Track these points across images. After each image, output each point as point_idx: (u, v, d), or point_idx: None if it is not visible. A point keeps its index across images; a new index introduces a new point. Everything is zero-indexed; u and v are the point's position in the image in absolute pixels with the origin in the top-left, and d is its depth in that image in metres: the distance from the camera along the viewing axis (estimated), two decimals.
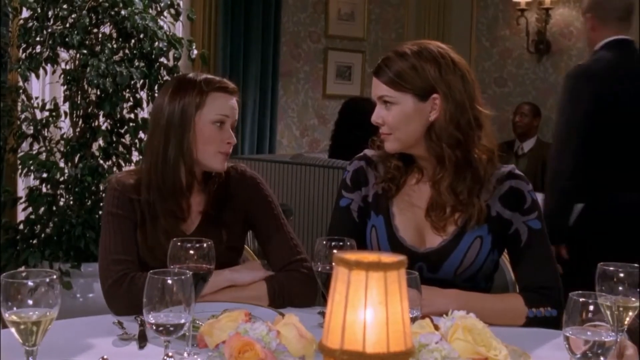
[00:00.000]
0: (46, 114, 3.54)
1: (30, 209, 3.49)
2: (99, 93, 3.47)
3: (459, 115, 1.93)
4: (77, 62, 3.48)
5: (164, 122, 2.05)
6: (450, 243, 1.98)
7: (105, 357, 1.51)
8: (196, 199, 2.11)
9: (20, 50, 3.54)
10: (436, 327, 1.49)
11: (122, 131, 3.61)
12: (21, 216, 3.74)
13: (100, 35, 3.53)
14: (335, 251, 1.37)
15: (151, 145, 2.10)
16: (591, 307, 1.35)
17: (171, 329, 1.41)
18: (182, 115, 2.03)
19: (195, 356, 1.53)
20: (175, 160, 2.03)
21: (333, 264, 1.02)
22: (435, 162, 1.97)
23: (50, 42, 3.39)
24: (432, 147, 1.95)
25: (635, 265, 1.55)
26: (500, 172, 2.00)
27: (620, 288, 1.52)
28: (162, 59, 3.58)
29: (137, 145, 3.61)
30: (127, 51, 3.53)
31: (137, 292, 1.40)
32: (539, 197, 4.75)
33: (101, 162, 3.55)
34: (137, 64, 3.51)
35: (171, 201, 2.05)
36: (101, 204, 3.49)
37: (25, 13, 3.56)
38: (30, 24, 3.44)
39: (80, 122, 3.55)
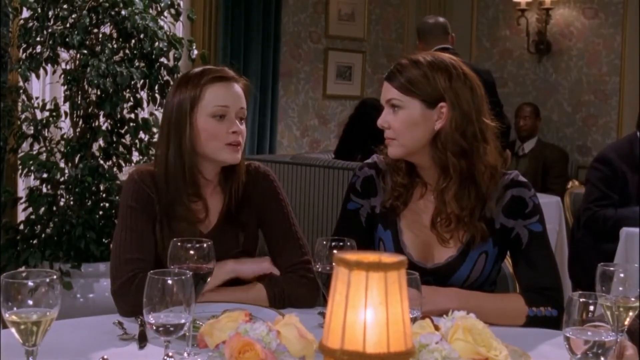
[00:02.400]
0: (46, 114, 3.54)
1: (30, 209, 3.49)
2: (99, 93, 3.47)
3: (465, 125, 1.94)
4: (77, 62, 3.48)
5: (166, 121, 2.03)
6: (457, 260, 2.00)
7: (105, 357, 1.51)
8: (215, 198, 2.07)
9: (21, 51, 3.54)
10: (436, 328, 1.49)
11: (123, 131, 3.61)
12: (21, 216, 3.75)
13: (100, 36, 3.53)
14: (335, 251, 1.38)
15: (158, 148, 2.07)
16: (591, 308, 1.35)
17: (171, 329, 1.41)
18: (178, 113, 1.99)
19: (196, 356, 1.53)
20: (178, 163, 1.99)
21: (333, 264, 1.02)
22: (439, 172, 1.98)
23: (50, 42, 3.39)
24: (437, 155, 1.95)
25: (635, 265, 1.56)
26: (503, 181, 2.00)
27: (620, 288, 1.52)
28: (163, 59, 3.58)
29: (138, 146, 3.61)
30: (127, 51, 3.53)
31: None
32: (542, 198, 4.88)
33: (101, 162, 3.55)
34: (137, 64, 3.52)
35: (182, 206, 2.00)
36: (101, 204, 3.52)
37: (26, 13, 3.56)
38: (31, 24, 3.44)
39: (80, 122, 3.55)
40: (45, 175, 3.45)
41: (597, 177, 3.96)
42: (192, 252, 1.66)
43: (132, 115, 3.62)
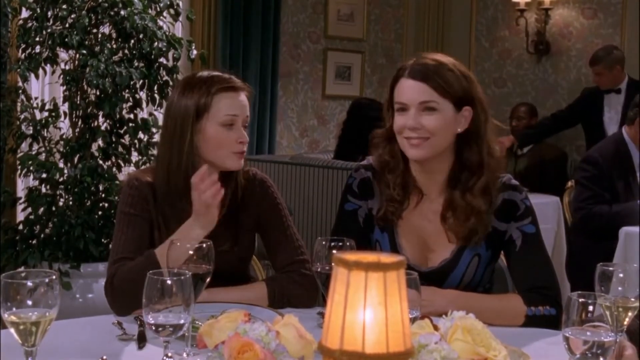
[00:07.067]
0: (45, 114, 3.54)
1: (29, 210, 3.49)
2: (98, 93, 3.47)
3: (486, 125, 2.00)
4: (76, 62, 3.48)
5: (171, 124, 2.03)
6: (450, 263, 2.01)
7: (104, 357, 1.51)
8: None
9: (20, 51, 3.54)
10: (435, 328, 1.49)
11: (122, 131, 3.61)
12: (20, 216, 3.74)
13: (99, 36, 3.53)
14: (334, 251, 1.37)
15: (160, 148, 2.08)
16: (590, 308, 1.35)
17: (170, 329, 1.41)
18: (183, 117, 2.00)
19: (195, 357, 1.53)
20: (180, 167, 2.00)
21: (332, 264, 1.02)
22: (447, 177, 2.00)
23: (49, 42, 3.39)
24: (472, 154, 1.98)
25: (635, 265, 1.56)
26: (495, 184, 2.01)
27: (620, 288, 1.52)
28: (162, 59, 3.58)
29: (137, 146, 3.61)
30: (126, 51, 3.53)
31: (126, 286, 1.37)
32: (541, 198, 4.83)
33: (100, 162, 3.55)
34: (136, 64, 3.52)
35: (179, 207, 2.00)
36: (100, 204, 3.51)
37: (25, 13, 3.56)
38: (30, 24, 3.44)
39: (79, 123, 3.55)
40: (44, 176, 3.45)
41: (586, 177, 3.97)
42: (191, 252, 1.66)
43: (132, 116, 3.62)
